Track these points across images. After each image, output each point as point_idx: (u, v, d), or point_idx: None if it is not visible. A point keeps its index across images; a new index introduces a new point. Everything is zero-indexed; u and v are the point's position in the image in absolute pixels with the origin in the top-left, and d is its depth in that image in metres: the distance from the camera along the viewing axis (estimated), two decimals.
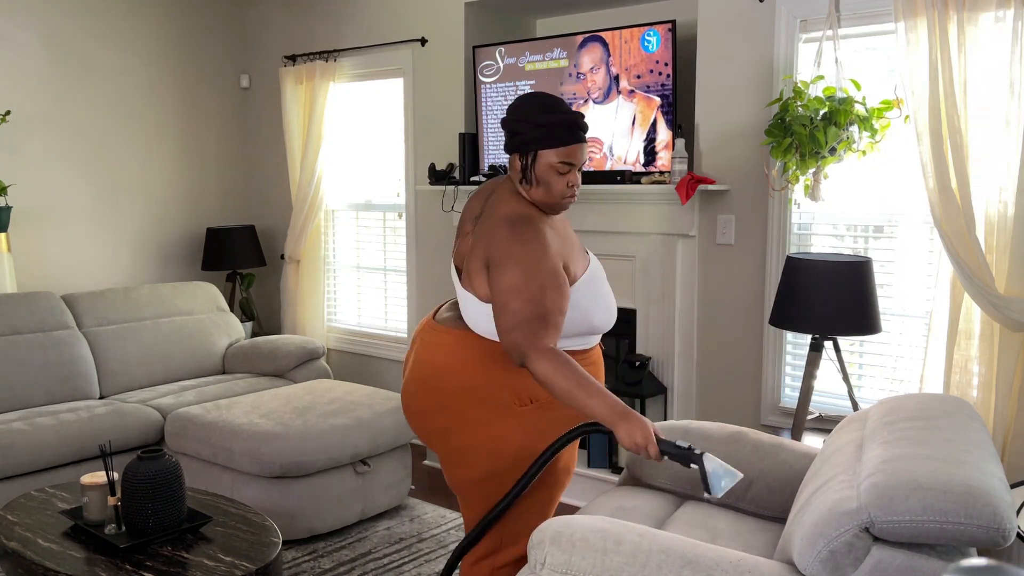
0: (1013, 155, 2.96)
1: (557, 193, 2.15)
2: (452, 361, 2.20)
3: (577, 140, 2.12)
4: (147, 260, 5.34)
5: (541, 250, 2.05)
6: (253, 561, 2.43)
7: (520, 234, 2.07)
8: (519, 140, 2.13)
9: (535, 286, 2.01)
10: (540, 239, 2.07)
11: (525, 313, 1.99)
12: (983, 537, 1.64)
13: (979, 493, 1.67)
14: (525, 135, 2.12)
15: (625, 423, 1.91)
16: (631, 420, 1.91)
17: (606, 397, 1.93)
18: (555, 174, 2.13)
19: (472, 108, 4.65)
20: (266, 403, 3.79)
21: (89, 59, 4.97)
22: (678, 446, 1.91)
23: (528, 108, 2.14)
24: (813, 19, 3.50)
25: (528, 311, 2.00)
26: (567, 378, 1.94)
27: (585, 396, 1.93)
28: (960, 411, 2.16)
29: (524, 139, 2.12)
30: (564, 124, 2.10)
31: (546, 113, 2.11)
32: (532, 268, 2.03)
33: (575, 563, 1.87)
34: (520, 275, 2.02)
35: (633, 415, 1.92)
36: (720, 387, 3.87)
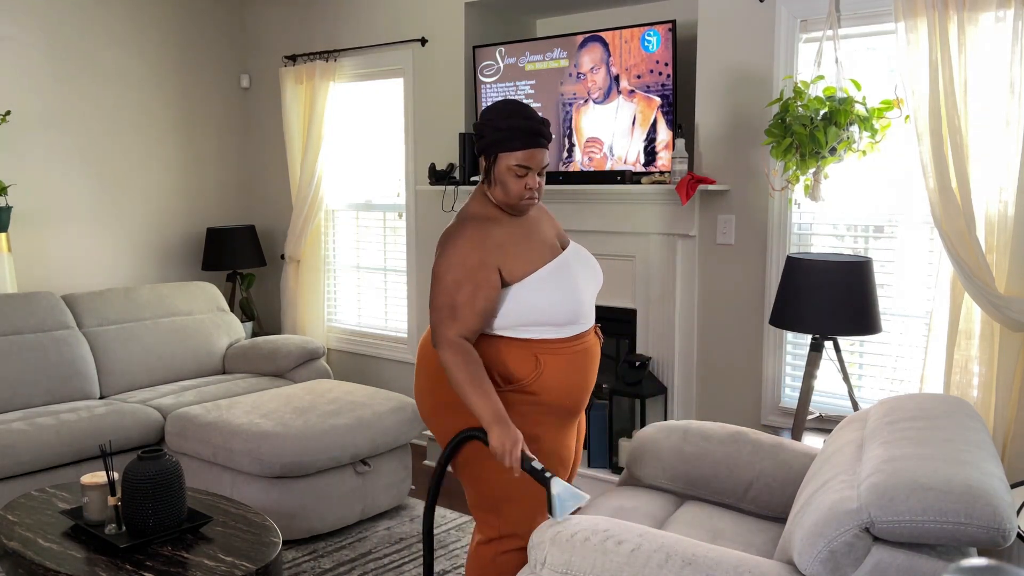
0: (1013, 155, 2.96)
1: (514, 194, 2.25)
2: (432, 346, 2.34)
3: (534, 145, 2.21)
4: (147, 260, 5.34)
5: (469, 246, 2.20)
6: (253, 561, 2.43)
7: (459, 231, 2.23)
8: (483, 143, 2.25)
9: (452, 279, 2.19)
10: (474, 236, 2.22)
11: (440, 300, 2.19)
12: (983, 537, 1.64)
13: (979, 493, 1.67)
14: (488, 138, 2.23)
15: (499, 428, 2.09)
16: (505, 428, 2.09)
17: (492, 400, 2.12)
18: (513, 176, 2.23)
19: (472, 108, 4.65)
20: (266, 403, 3.79)
21: (89, 59, 4.97)
22: (533, 466, 2.08)
23: (493, 113, 2.25)
24: (813, 19, 3.50)
25: (441, 300, 2.19)
26: (462, 372, 2.14)
27: (473, 393, 2.13)
28: (960, 411, 2.16)
29: (486, 142, 2.23)
30: (523, 129, 2.20)
31: (507, 118, 2.21)
32: (454, 262, 2.19)
33: (575, 563, 1.87)
34: (444, 266, 2.20)
35: (509, 425, 2.10)
36: (720, 387, 3.87)
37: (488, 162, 2.25)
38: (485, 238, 2.23)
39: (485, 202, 2.32)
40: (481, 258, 2.20)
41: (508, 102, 2.27)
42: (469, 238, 2.21)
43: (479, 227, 2.24)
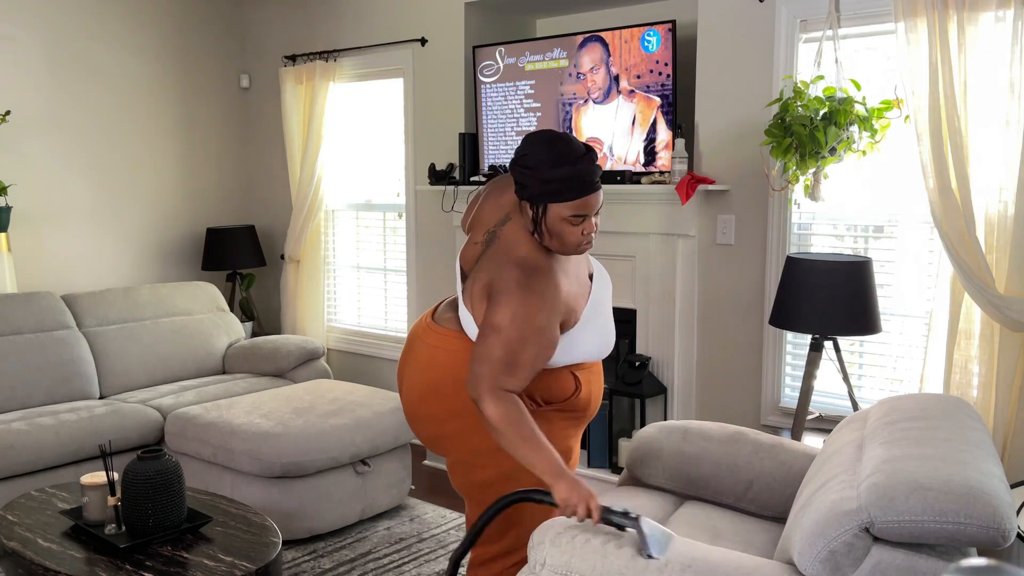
0: (1013, 155, 2.96)
1: (571, 243, 2.09)
2: (459, 364, 2.19)
3: (586, 193, 2.03)
4: (147, 260, 5.34)
5: (539, 304, 2.03)
6: (253, 561, 2.43)
7: (527, 283, 2.03)
8: (528, 192, 2.06)
9: (518, 335, 2.00)
10: (545, 293, 2.04)
11: (498, 354, 2.00)
12: (983, 537, 1.64)
13: (979, 493, 1.67)
14: (535, 190, 2.04)
15: (565, 483, 1.93)
16: (571, 482, 1.93)
17: (550, 454, 1.95)
18: (567, 225, 2.05)
19: (472, 108, 4.65)
20: (266, 403, 3.79)
21: (89, 59, 4.97)
22: (613, 511, 1.91)
23: (536, 158, 2.04)
24: (813, 19, 3.50)
25: (502, 354, 2.00)
26: (515, 428, 1.96)
27: (529, 450, 1.95)
28: (960, 411, 2.16)
29: (532, 193, 2.05)
30: (574, 178, 2.01)
31: (553, 168, 2.01)
32: (524, 318, 2.01)
33: (575, 564, 1.87)
34: (510, 319, 2.01)
35: (572, 477, 1.94)
36: (720, 387, 3.87)
37: (536, 211, 2.05)
38: (555, 294, 2.06)
39: (538, 246, 2.13)
40: (549, 318, 2.04)
41: (551, 141, 2.05)
42: (539, 294, 2.03)
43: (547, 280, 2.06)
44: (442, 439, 2.28)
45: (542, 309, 2.03)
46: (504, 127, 4.42)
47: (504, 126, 4.42)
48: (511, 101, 4.37)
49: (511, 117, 4.38)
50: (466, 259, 2.29)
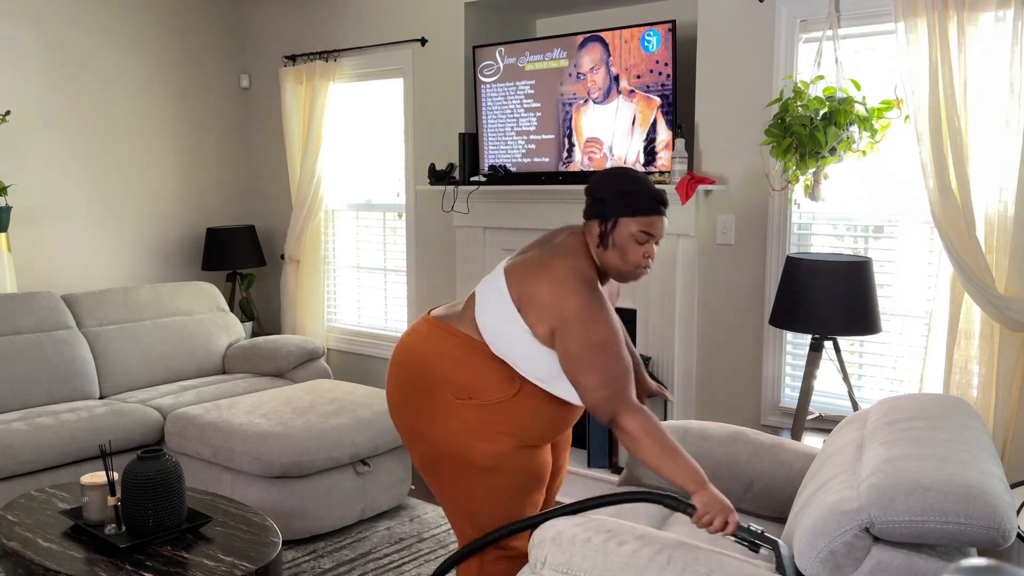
0: (1013, 155, 2.96)
1: (632, 262, 2.18)
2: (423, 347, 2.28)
3: (658, 212, 2.16)
4: (147, 260, 5.34)
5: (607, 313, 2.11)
6: (253, 561, 2.43)
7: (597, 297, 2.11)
8: (602, 207, 2.17)
9: (617, 346, 2.09)
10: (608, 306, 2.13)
11: (616, 370, 2.06)
12: (983, 537, 1.64)
13: (979, 493, 1.67)
14: (609, 202, 2.15)
15: (707, 492, 1.96)
16: (711, 492, 1.96)
17: (692, 464, 2.00)
18: (633, 242, 2.16)
19: (472, 108, 4.65)
20: (266, 403, 3.79)
21: (89, 59, 4.97)
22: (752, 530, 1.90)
23: (615, 178, 2.18)
24: (813, 19, 3.50)
25: (617, 368, 2.07)
26: (658, 440, 2.01)
27: (672, 460, 1.99)
28: (960, 411, 2.16)
29: (607, 206, 2.16)
30: (648, 195, 2.14)
31: (632, 183, 2.15)
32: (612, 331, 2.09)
33: (575, 563, 1.87)
34: (606, 335, 2.07)
35: (712, 488, 1.97)
36: (720, 387, 3.87)
37: (605, 227, 2.16)
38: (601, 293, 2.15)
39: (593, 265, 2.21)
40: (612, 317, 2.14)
41: (627, 170, 2.20)
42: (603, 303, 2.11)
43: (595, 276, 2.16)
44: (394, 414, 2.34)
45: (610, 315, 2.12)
46: (504, 127, 4.42)
47: (504, 126, 4.42)
48: (511, 101, 4.37)
49: (511, 117, 4.38)
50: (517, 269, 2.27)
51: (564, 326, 2.09)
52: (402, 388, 2.30)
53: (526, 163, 4.37)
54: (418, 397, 2.26)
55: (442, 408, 2.22)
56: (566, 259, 2.17)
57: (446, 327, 2.27)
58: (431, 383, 2.23)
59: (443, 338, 2.26)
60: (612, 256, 2.18)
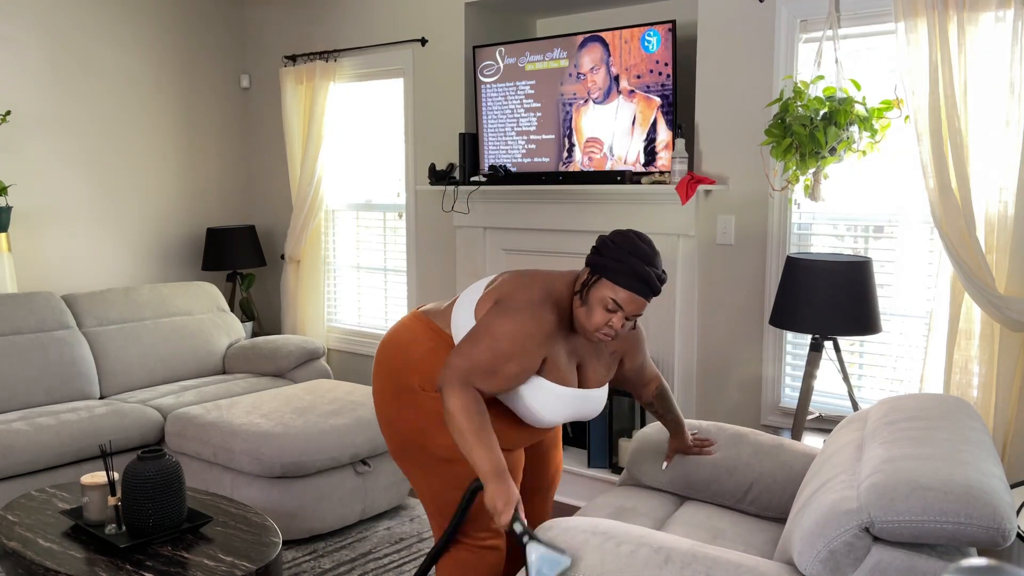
0: (1013, 155, 2.96)
1: (593, 323, 2.15)
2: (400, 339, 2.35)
3: (638, 292, 2.12)
4: (147, 260, 5.34)
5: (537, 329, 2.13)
6: (253, 561, 2.43)
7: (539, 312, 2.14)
8: (596, 259, 2.16)
9: (507, 347, 2.10)
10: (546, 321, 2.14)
11: (485, 358, 2.09)
12: (983, 537, 1.64)
13: (979, 493, 1.67)
14: (604, 259, 2.14)
15: (496, 484, 2.00)
16: (503, 485, 2.00)
17: (495, 454, 2.03)
18: (601, 307, 2.13)
19: (472, 108, 4.65)
20: (266, 403, 3.79)
21: (89, 59, 4.97)
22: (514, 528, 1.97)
23: (627, 243, 2.15)
24: (813, 19, 3.50)
25: (488, 359, 2.09)
26: (470, 420, 2.04)
27: (477, 444, 2.03)
28: (960, 411, 2.16)
29: (599, 262, 2.15)
30: (639, 274, 2.11)
31: (632, 257, 2.12)
32: (517, 333, 2.11)
33: (574, 563, 1.86)
34: (509, 333, 2.10)
35: (507, 481, 2.00)
36: (720, 387, 3.87)
37: (588, 279, 2.16)
38: (554, 328, 2.16)
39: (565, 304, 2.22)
40: (540, 343, 2.14)
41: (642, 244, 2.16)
42: (541, 320, 2.13)
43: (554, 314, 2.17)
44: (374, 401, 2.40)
45: (538, 333, 2.13)
46: (504, 127, 4.42)
47: (504, 126, 4.42)
48: (511, 101, 4.37)
49: (511, 117, 4.38)
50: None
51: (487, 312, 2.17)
52: (378, 376, 2.37)
53: (526, 163, 4.37)
54: (390, 384, 2.32)
55: (408, 396, 2.28)
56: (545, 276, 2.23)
57: (426, 320, 2.35)
58: (401, 372, 2.30)
59: (419, 330, 2.33)
60: (580, 310, 2.17)
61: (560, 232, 4.23)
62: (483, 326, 2.13)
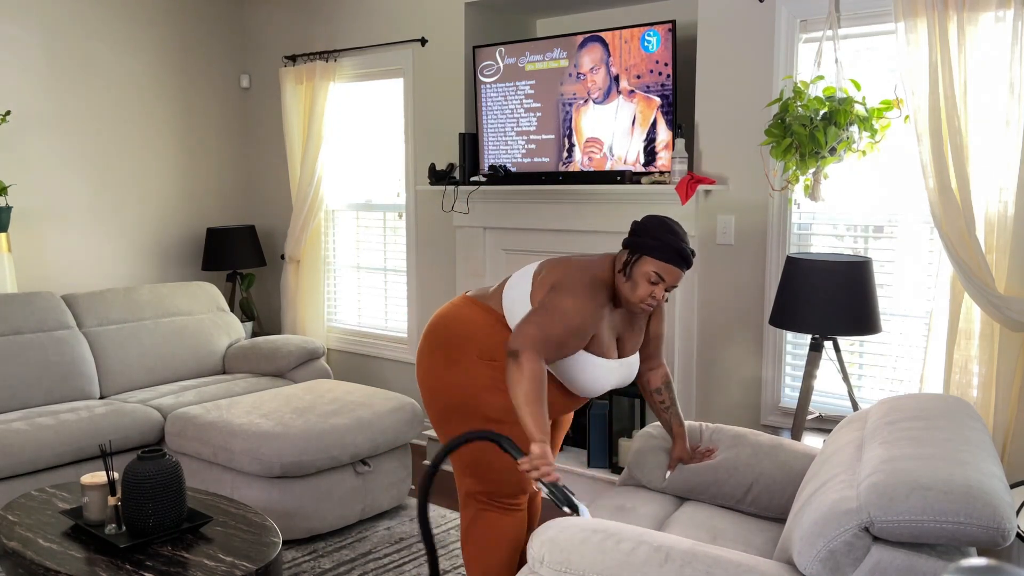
0: (1013, 155, 2.96)
1: (638, 296, 2.42)
2: (455, 315, 2.62)
3: (676, 264, 2.40)
4: (147, 260, 5.34)
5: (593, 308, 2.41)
6: (253, 561, 2.43)
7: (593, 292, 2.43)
8: (635, 241, 2.43)
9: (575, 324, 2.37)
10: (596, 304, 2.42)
11: (552, 330, 2.34)
12: (983, 537, 1.64)
13: (979, 493, 1.67)
14: (643, 240, 2.42)
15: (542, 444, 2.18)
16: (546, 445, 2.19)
17: (544, 419, 2.23)
18: (646, 280, 2.41)
19: (472, 108, 4.65)
20: (266, 403, 3.79)
21: (89, 59, 4.97)
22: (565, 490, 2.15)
23: (659, 224, 2.44)
24: (813, 19, 3.50)
25: (555, 331, 2.34)
26: (530, 384, 2.25)
27: (530, 405, 2.23)
28: (960, 411, 2.16)
29: (640, 242, 2.42)
30: (676, 249, 2.39)
31: (669, 235, 2.40)
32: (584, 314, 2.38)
33: (574, 561, 1.87)
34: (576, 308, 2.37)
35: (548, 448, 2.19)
36: (720, 387, 3.87)
37: (630, 258, 2.43)
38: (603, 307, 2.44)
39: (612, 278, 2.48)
40: (596, 320, 2.42)
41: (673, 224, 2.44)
42: (597, 300, 2.42)
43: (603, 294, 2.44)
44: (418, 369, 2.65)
45: (595, 312, 2.41)
46: (504, 127, 4.42)
47: (504, 126, 4.42)
48: (511, 101, 4.37)
49: (511, 117, 4.39)
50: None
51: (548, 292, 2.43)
52: (432, 350, 2.61)
53: (526, 163, 4.37)
54: (445, 353, 2.57)
55: (465, 363, 2.53)
56: (587, 262, 2.51)
57: (478, 302, 2.62)
58: (459, 342, 2.55)
59: (474, 310, 2.60)
60: (626, 285, 2.44)
61: (560, 232, 4.23)
62: (550, 304, 2.38)
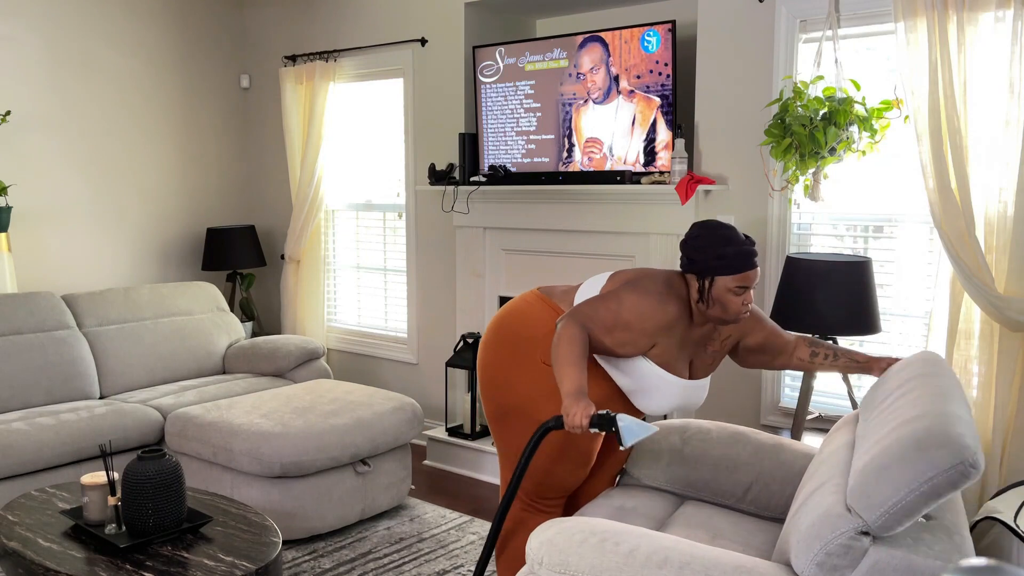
0: (1013, 155, 2.96)
1: (733, 312, 2.37)
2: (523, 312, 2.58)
3: (751, 267, 2.35)
4: (147, 260, 5.34)
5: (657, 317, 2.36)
6: (253, 561, 2.43)
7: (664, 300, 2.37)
8: (698, 267, 2.37)
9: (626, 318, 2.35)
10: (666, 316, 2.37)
11: (605, 315, 2.34)
12: (956, 478, 1.65)
13: (929, 443, 1.68)
14: (705, 263, 2.36)
15: (575, 399, 2.18)
16: (580, 400, 2.18)
17: (580, 377, 2.22)
18: (731, 295, 2.35)
19: (472, 108, 4.65)
20: (266, 403, 3.80)
21: (89, 59, 4.97)
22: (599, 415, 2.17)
23: (710, 239, 2.37)
24: (813, 19, 3.50)
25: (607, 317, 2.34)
26: (572, 347, 2.25)
27: (566, 365, 2.23)
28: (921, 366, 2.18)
29: (703, 267, 2.36)
30: (741, 255, 2.33)
31: (726, 245, 2.34)
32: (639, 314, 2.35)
33: (572, 563, 1.87)
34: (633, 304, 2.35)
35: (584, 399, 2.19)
36: (720, 387, 3.87)
37: (703, 283, 2.37)
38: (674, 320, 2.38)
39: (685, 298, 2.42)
40: (657, 328, 2.36)
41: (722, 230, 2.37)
42: (665, 309, 2.36)
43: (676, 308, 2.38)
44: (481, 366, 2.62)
45: (656, 318, 2.35)
46: (504, 127, 4.42)
47: (504, 126, 4.42)
48: (511, 101, 4.37)
49: (511, 117, 4.39)
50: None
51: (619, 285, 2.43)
52: (499, 344, 2.58)
53: (526, 163, 4.37)
54: (511, 351, 2.54)
55: (527, 366, 2.51)
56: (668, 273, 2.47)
57: (550, 302, 2.58)
58: (525, 343, 2.52)
59: (544, 309, 2.56)
60: (714, 310, 2.38)
61: (560, 232, 4.23)
62: (613, 293, 2.38)
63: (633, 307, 2.34)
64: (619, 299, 2.35)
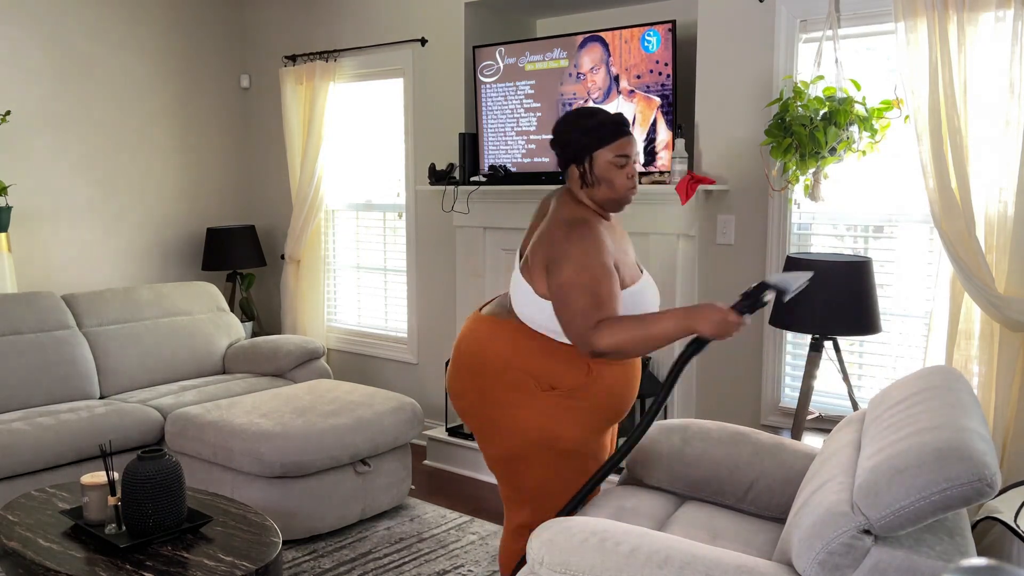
0: (1013, 155, 2.96)
1: (620, 187, 2.28)
2: (485, 346, 2.39)
3: (625, 134, 2.27)
4: (147, 260, 5.34)
5: (595, 247, 2.19)
6: (253, 561, 2.43)
7: (575, 234, 2.21)
8: (572, 150, 2.28)
9: (588, 278, 2.16)
10: (594, 237, 2.20)
11: (582, 303, 2.15)
12: (971, 494, 1.64)
13: (949, 455, 1.67)
14: (577, 143, 2.27)
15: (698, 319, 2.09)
16: (701, 313, 2.09)
17: (669, 317, 2.10)
18: (614, 169, 2.27)
19: (472, 108, 4.65)
20: (266, 403, 3.79)
21: (89, 59, 4.97)
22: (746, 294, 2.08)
23: (572, 120, 2.30)
24: (813, 19, 3.50)
25: (585, 300, 2.14)
26: (629, 330, 2.10)
27: (656, 330, 2.09)
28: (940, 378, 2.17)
29: (577, 147, 2.27)
30: (609, 122, 2.26)
31: (589, 118, 2.27)
32: (585, 263, 2.17)
33: (573, 563, 1.87)
34: (575, 271, 2.16)
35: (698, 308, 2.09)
36: (720, 387, 3.87)
37: (583, 167, 2.28)
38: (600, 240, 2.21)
39: (582, 206, 2.32)
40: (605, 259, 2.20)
41: (579, 109, 2.32)
42: (591, 239, 2.19)
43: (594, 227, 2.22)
44: (465, 413, 2.47)
45: (598, 249, 2.19)
46: (504, 127, 4.42)
47: (504, 126, 4.42)
48: (511, 101, 4.37)
49: (511, 117, 4.38)
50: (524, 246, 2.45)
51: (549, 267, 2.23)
52: (478, 389, 2.39)
53: (526, 163, 4.37)
54: (499, 393, 2.35)
55: (527, 400, 2.32)
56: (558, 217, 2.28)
57: (507, 322, 2.37)
58: (513, 378, 2.33)
59: (510, 333, 2.35)
60: (600, 190, 2.28)
61: None
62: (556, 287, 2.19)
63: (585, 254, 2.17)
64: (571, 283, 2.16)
